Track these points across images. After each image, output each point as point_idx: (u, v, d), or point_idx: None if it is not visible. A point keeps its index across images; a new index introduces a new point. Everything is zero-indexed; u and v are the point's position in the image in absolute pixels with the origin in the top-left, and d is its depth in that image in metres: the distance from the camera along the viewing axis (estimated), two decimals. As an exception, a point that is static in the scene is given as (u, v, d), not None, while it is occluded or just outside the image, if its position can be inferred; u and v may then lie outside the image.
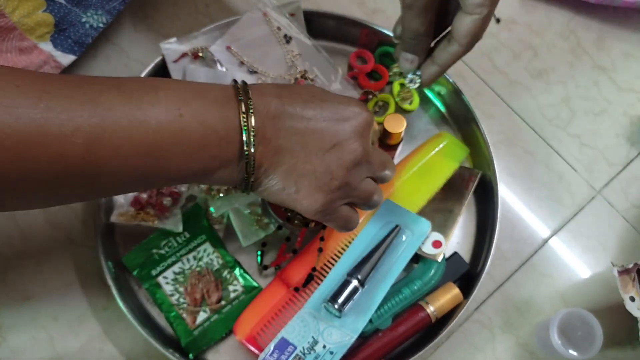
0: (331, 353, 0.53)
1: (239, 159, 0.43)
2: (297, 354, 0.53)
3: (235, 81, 0.45)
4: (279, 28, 0.65)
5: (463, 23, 0.48)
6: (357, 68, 0.68)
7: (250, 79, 0.64)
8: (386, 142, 0.64)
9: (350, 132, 0.46)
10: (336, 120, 0.46)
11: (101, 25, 0.63)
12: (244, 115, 0.42)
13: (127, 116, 0.39)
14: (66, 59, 0.63)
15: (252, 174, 0.44)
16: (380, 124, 0.63)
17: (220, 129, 0.42)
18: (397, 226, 0.58)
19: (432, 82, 0.55)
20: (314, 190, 0.46)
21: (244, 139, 0.42)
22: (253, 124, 0.42)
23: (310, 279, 0.58)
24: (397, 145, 0.65)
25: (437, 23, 0.52)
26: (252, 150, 0.43)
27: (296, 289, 0.58)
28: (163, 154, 0.41)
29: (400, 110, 0.68)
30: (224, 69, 0.64)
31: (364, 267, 0.55)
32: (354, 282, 0.55)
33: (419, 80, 0.55)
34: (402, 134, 0.63)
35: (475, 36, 0.49)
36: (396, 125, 0.62)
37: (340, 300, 0.54)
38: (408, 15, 0.51)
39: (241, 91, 0.43)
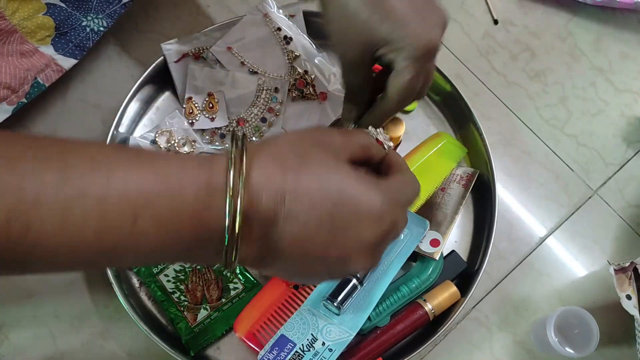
0: (330, 350, 0.54)
1: (216, 257, 0.35)
2: (296, 351, 0.54)
3: (235, 148, 0.35)
4: (279, 29, 0.66)
5: (391, 82, 0.48)
6: None
7: (249, 79, 0.65)
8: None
9: (361, 247, 0.37)
10: (346, 233, 0.36)
11: (102, 28, 0.64)
12: (229, 231, 0.33)
13: (60, 215, 0.30)
14: (67, 62, 0.64)
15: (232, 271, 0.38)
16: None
17: (187, 236, 0.34)
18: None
19: (369, 126, 0.54)
20: (304, 278, 0.42)
21: (224, 248, 0.34)
22: (236, 242, 0.33)
23: (310, 277, 0.59)
24: (395, 147, 0.65)
25: (376, 87, 0.52)
26: (234, 263, 0.35)
27: (295, 287, 0.59)
28: (104, 258, 0.33)
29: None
30: (225, 70, 0.65)
31: (363, 265, 0.56)
32: (353, 280, 0.55)
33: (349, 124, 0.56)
34: (401, 138, 0.64)
35: (406, 95, 0.48)
36: (395, 129, 0.62)
37: (340, 297, 0.55)
38: (344, 70, 0.51)
39: (233, 188, 0.33)
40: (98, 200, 0.31)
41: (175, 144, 0.63)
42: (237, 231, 0.33)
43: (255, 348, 0.57)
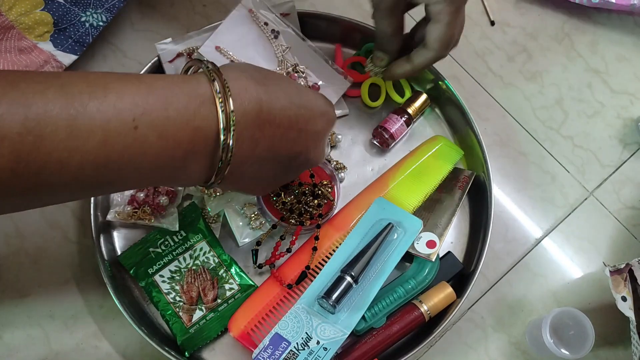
0: (325, 349, 0.53)
1: (206, 169, 0.41)
2: (291, 350, 0.54)
3: (209, 69, 0.40)
4: (265, 23, 0.66)
5: (430, 30, 0.52)
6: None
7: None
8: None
9: (317, 138, 0.47)
10: (307, 129, 0.45)
11: (101, 23, 0.63)
12: (225, 135, 0.39)
13: (66, 124, 0.34)
14: (67, 58, 0.63)
15: (219, 183, 0.42)
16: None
17: (185, 142, 0.38)
18: (389, 224, 0.58)
19: (400, 77, 0.59)
20: (270, 185, 0.49)
21: (220, 154, 0.39)
22: (230, 141, 0.39)
23: (304, 277, 0.59)
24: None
25: (407, 40, 0.57)
26: (225, 169, 0.41)
27: (289, 286, 0.59)
28: (111, 170, 0.36)
29: (389, 99, 0.68)
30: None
31: (357, 264, 0.56)
32: (348, 279, 0.55)
33: (378, 70, 0.60)
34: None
35: (445, 42, 0.52)
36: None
37: (334, 296, 0.54)
38: (377, 16, 0.54)
39: (220, 94, 0.39)
40: (99, 111, 0.35)
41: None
42: (231, 128, 0.38)
43: (251, 348, 0.57)
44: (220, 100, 0.38)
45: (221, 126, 0.38)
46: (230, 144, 0.39)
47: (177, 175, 0.40)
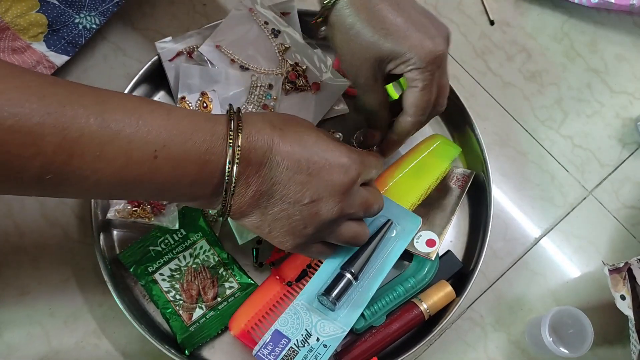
0: (325, 346, 0.54)
1: (214, 195, 0.44)
2: (291, 347, 0.54)
3: (231, 113, 0.44)
4: (266, 22, 0.66)
5: (406, 96, 0.52)
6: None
7: (242, 76, 0.65)
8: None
9: (332, 191, 0.46)
10: (320, 176, 0.45)
11: (94, 26, 0.64)
12: (229, 166, 0.42)
13: (97, 149, 0.39)
14: (59, 59, 0.63)
15: (229, 210, 0.45)
16: None
17: (193, 172, 0.42)
18: (389, 220, 0.58)
19: (394, 150, 0.59)
20: (286, 233, 0.47)
21: (224, 185, 0.43)
22: (235, 173, 0.42)
23: (304, 275, 0.59)
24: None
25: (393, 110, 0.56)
26: (230, 200, 0.44)
27: (289, 283, 0.59)
28: (121, 187, 0.41)
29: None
30: (216, 67, 0.65)
31: (357, 261, 0.56)
32: (348, 276, 0.55)
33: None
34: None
35: (421, 108, 0.52)
36: None
37: (334, 293, 0.54)
38: (359, 93, 0.54)
39: (233, 132, 0.43)
40: (128, 142, 0.39)
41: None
42: (235, 163, 0.42)
43: (251, 346, 0.57)
44: (231, 136, 0.42)
45: (227, 159, 0.42)
46: (234, 172, 0.42)
47: (185, 195, 0.45)
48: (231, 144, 0.42)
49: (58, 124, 0.37)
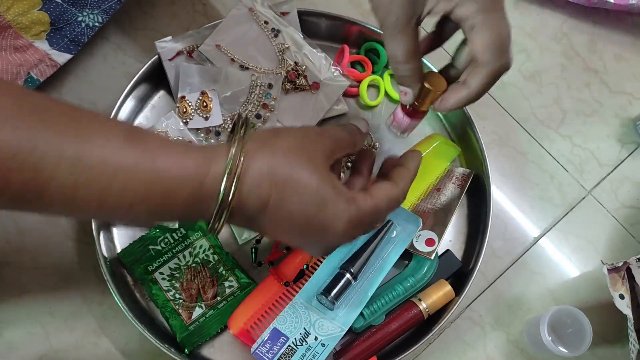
0: (323, 345, 0.54)
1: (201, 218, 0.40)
2: (289, 345, 0.54)
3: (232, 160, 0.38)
4: (266, 22, 0.66)
5: (472, 41, 0.43)
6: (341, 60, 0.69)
7: (242, 75, 0.65)
8: (418, 105, 0.50)
9: (327, 249, 0.43)
10: (315, 238, 0.41)
11: (97, 24, 0.64)
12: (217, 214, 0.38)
13: (73, 185, 0.35)
14: (62, 57, 0.63)
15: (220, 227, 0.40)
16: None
17: (178, 216, 0.40)
18: (389, 221, 0.58)
19: (457, 107, 0.47)
20: (293, 239, 0.43)
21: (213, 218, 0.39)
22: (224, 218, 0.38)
23: (302, 275, 0.59)
24: (424, 113, 0.53)
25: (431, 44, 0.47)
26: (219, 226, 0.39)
27: (286, 284, 0.59)
28: (103, 218, 0.40)
29: (388, 98, 0.69)
30: (217, 67, 0.65)
31: (357, 261, 0.56)
32: (347, 275, 0.55)
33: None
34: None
35: (497, 46, 0.42)
36: (438, 84, 0.48)
37: (334, 292, 0.55)
38: (385, 37, 0.44)
39: (233, 171, 0.37)
40: (104, 187, 0.35)
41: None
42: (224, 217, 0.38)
43: (250, 345, 0.57)
44: (219, 203, 0.38)
45: (215, 211, 0.38)
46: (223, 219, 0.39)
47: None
48: (222, 199, 0.37)
49: (29, 160, 0.33)
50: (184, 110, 0.64)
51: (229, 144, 0.39)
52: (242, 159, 0.38)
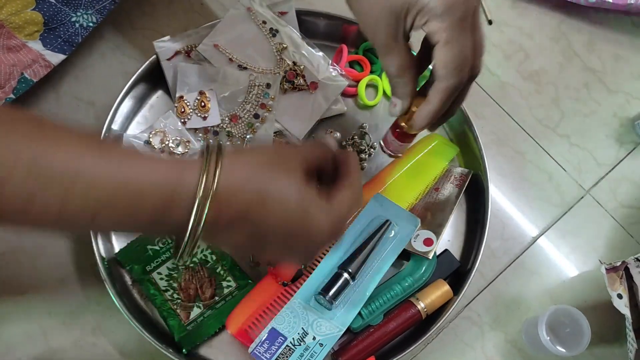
0: (321, 345, 0.54)
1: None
2: (287, 345, 0.54)
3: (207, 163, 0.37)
4: (264, 22, 0.66)
5: (434, 56, 0.45)
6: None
7: (241, 75, 0.65)
8: (407, 128, 0.54)
9: (322, 239, 0.42)
10: (297, 242, 0.41)
11: (91, 24, 0.64)
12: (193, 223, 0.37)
13: (27, 189, 0.33)
14: (56, 58, 0.63)
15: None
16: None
17: (144, 227, 0.38)
18: (387, 221, 0.58)
19: (428, 124, 0.49)
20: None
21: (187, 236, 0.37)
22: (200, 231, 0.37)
23: (300, 275, 0.59)
24: (414, 135, 0.59)
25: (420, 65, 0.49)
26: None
27: (284, 284, 0.59)
28: (68, 228, 0.39)
29: (386, 98, 0.69)
30: (215, 67, 0.65)
31: (355, 261, 0.56)
32: (345, 275, 0.55)
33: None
34: None
35: (452, 65, 0.44)
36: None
37: (332, 292, 0.55)
38: (380, 54, 0.47)
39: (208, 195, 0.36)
40: (64, 193, 0.34)
41: (170, 144, 0.63)
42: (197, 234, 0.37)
43: (248, 345, 0.57)
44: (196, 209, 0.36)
45: (188, 231, 0.37)
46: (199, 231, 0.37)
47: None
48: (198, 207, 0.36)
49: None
50: (182, 110, 0.64)
51: (201, 158, 0.38)
52: (217, 169, 0.37)
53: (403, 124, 0.54)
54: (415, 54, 0.49)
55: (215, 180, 0.36)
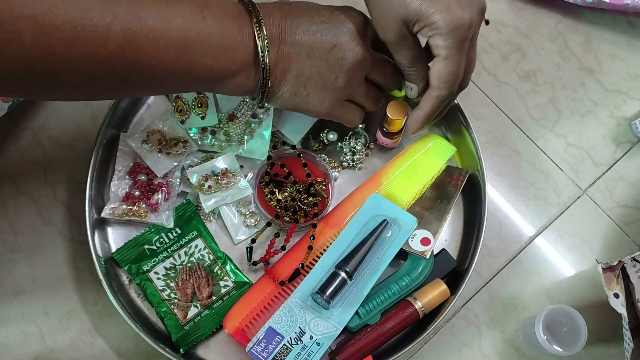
0: (318, 344, 0.54)
1: (254, 65, 0.49)
2: (284, 344, 0.54)
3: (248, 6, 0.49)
4: None
5: (431, 65, 0.51)
6: None
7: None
8: (388, 129, 0.63)
9: (348, 33, 0.50)
10: (333, 24, 0.50)
11: None
12: (257, 25, 0.47)
13: (158, 14, 0.43)
14: None
15: (268, 79, 0.49)
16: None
17: (236, 33, 0.47)
18: (384, 220, 0.58)
19: (421, 127, 0.56)
20: (321, 90, 0.51)
21: (259, 44, 0.48)
22: (265, 32, 0.48)
23: (297, 275, 0.59)
24: (399, 132, 0.64)
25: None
26: (267, 53, 0.48)
27: (281, 283, 0.59)
28: (190, 51, 0.45)
29: (390, 96, 0.69)
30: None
31: (352, 260, 0.56)
32: (342, 274, 0.55)
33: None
34: (404, 122, 0.62)
35: (445, 79, 0.50)
36: (399, 112, 0.60)
37: (329, 291, 0.55)
38: (392, 52, 0.53)
39: (250, 6, 0.48)
40: (178, 37, 0.45)
41: (167, 145, 0.63)
42: (264, 35, 0.48)
43: (245, 344, 0.57)
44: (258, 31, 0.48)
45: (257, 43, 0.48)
46: (265, 31, 0.48)
47: (231, 70, 0.48)
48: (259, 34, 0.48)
49: (124, 25, 0.41)
50: (180, 109, 0.64)
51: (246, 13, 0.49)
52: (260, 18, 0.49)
53: (386, 126, 0.62)
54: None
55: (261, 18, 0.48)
